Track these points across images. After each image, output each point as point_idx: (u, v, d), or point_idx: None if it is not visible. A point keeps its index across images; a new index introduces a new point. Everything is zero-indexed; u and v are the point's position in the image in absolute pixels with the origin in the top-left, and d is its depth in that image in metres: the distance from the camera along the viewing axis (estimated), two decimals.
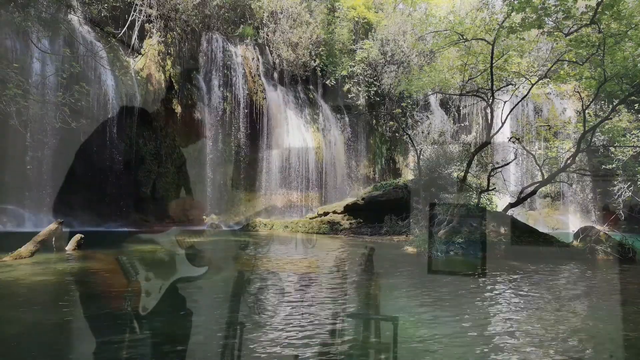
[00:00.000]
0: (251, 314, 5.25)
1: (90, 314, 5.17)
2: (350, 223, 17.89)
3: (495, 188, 15.16)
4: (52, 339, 4.33)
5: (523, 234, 11.75)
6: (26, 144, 14.78)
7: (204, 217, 19.98)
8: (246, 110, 21.39)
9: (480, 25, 13.89)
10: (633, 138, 16.77)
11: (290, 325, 4.86)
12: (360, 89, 25.27)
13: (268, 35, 23.39)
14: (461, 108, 27.78)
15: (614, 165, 17.71)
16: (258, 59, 22.74)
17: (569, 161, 13.77)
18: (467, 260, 10.32)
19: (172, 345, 4.21)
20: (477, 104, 26.52)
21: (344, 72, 24.98)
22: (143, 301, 3.38)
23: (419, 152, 16.87)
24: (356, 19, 26.44)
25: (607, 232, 12.30)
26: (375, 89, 25.45)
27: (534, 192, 14.86)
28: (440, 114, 27.27)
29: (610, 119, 14.88)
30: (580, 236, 11.68)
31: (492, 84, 13.52)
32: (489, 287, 7.58)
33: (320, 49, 24.51)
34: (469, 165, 14.22)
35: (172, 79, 19.50)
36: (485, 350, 4.34)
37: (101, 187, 16.58)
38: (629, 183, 18.52)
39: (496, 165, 16.11)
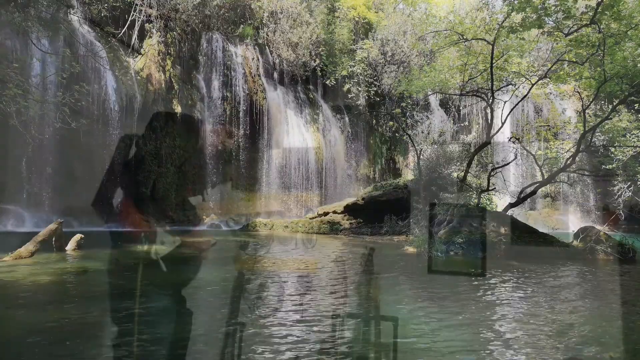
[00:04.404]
0: (251, 313, 5.25)
1: (90, 314, 5.17)
2: (350, 223, 17.89)
3: (495, 188, 15.15)
4: (52, 339, 4.33)
5: (523, 234, 11.74)
6: (26, 144, 14.77)
7: (204, 217, 19.99)
8: (246, 110, 21.39)
9: (480, 25, 13.91)
10: (633, 138, 16.76)
11: (291, 325, 4.86)
12: (360, 89, 25.26)
13: (268, 35, 23.39)
14: (461, 108, 27.77)
15: (614, 165, 17.69)
16: (258, 59, 22.74)
17: (569, 161, 13.77)
18: (467, 260, 10.32)
19: (173, 345, 4.21)
20: (477, 104, 26.51)
21: (344, 72, 24.97)
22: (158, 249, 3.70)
23: (419, 152, 16.86)
24: (356, 19, 26.43)
25: (607, 232, 12.29)
26: (375, 89, 25.45)
27: (534, 192, 14.86)
28: (440, 114, 27.27)
29: (610, 119, 14.88)
30: (580, 236, 11.67)
31: (492, 84, 13.53)
32: (489, 287, 7.58)
33: (320, 49, 24.51)
34: (469, 165, 14.22)
35: (172, 79, 19.50)
36: (486, 350, 4.34)
37: (101, 187, 16.57)
38: (629, 183, 18.50)
39: (496, 165, 16.10)
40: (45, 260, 8.31)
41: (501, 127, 14.76)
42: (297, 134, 23.01)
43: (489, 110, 14.61)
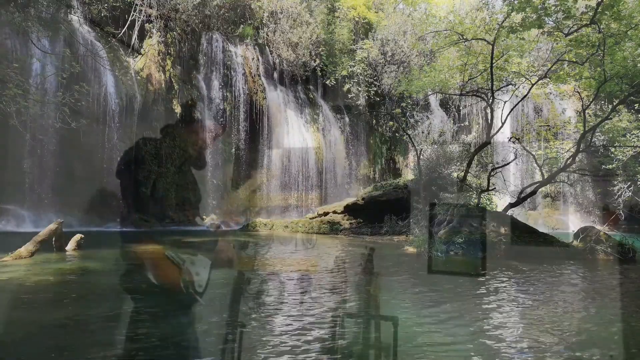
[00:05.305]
0: (251, 313, 5.25)
1: (90, 314, 5.17)
2: (350, 223, 17.89)
3: (495, 188, 15.15)
4: (52, 339, 4.33)
5: (523, 234, 11.74)
6: (26, 144, 14.79)
7: (204, 217, 19.99)
8: (246, 110, 21.40)
9: (480, 25, 13.91)
10: (633, 138, 16.77)
11: (290, 325, 4.86)
12: (360, 89, 25.26)
13: (268, 35, 23.39)
14: (461, 108, 27.77)
15: (614, 165, 17.70)
16: (258, 59, 22.74)
17: (569, 161, 13.77)
18: (467, 260, 10.31)
19: (172, 345, 4.21)
20: (477, 104, 26.51)
21: (344, 72, 24.97)
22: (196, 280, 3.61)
23: (419, 152, 16.86)
24: (356, 19, 26.44)
25: (607, 232, 12.29)
26: (375, 89, 25.45)
27: (534, 192, 14.86)
28: (440, 114, 27.28)
29: (610, 119, 14.89)
30: (580, 236, 11.66)
31: (492, 84, 13.53)
32: (489, 287, 7.57)
33: (320, 49, 24.51)
34: (469, 165, 14.23)
35: (172, 79, 19.50)
36: (486, 350, 4.34)
37: (101, 187, 16.58)
38: (629, 183, 18.52)
39: (496, 165, 16.11)
40: (45, 260, 8.31)
41: (501, 127, 14.76)
42: (297, 134, 23.02)
43: (489, 110, 14.61)
